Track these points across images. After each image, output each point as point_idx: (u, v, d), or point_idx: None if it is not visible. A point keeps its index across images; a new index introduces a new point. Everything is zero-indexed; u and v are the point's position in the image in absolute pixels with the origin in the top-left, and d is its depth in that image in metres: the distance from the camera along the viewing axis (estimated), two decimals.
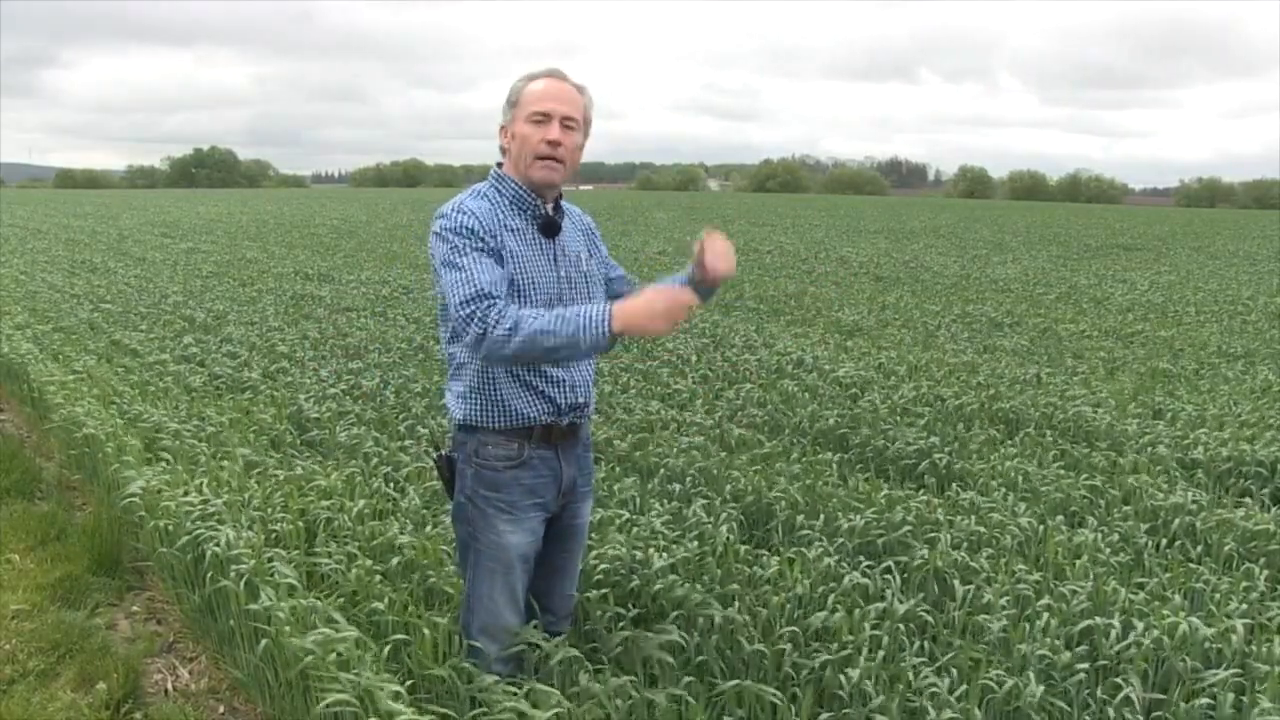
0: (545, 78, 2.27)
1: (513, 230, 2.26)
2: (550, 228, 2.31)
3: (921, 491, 4.15)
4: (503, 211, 2.27)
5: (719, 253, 2.25)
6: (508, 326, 2.06)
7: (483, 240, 2.18)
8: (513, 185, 2.29)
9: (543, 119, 2.22)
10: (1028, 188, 79.18)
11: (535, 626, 2.48)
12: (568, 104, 2.24)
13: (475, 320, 2.09)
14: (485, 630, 2.41)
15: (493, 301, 2.10)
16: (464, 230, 2.18)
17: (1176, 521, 3.76)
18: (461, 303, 2.11)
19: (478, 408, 2.30)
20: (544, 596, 2.55)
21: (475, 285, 2.11)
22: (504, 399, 2.29)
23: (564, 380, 2.34)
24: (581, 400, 2.38)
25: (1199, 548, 3.60)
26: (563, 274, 2.32)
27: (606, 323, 2.02)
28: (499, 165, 2.33)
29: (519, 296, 2.24)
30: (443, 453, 2.45)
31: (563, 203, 2.40)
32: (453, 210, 2.23)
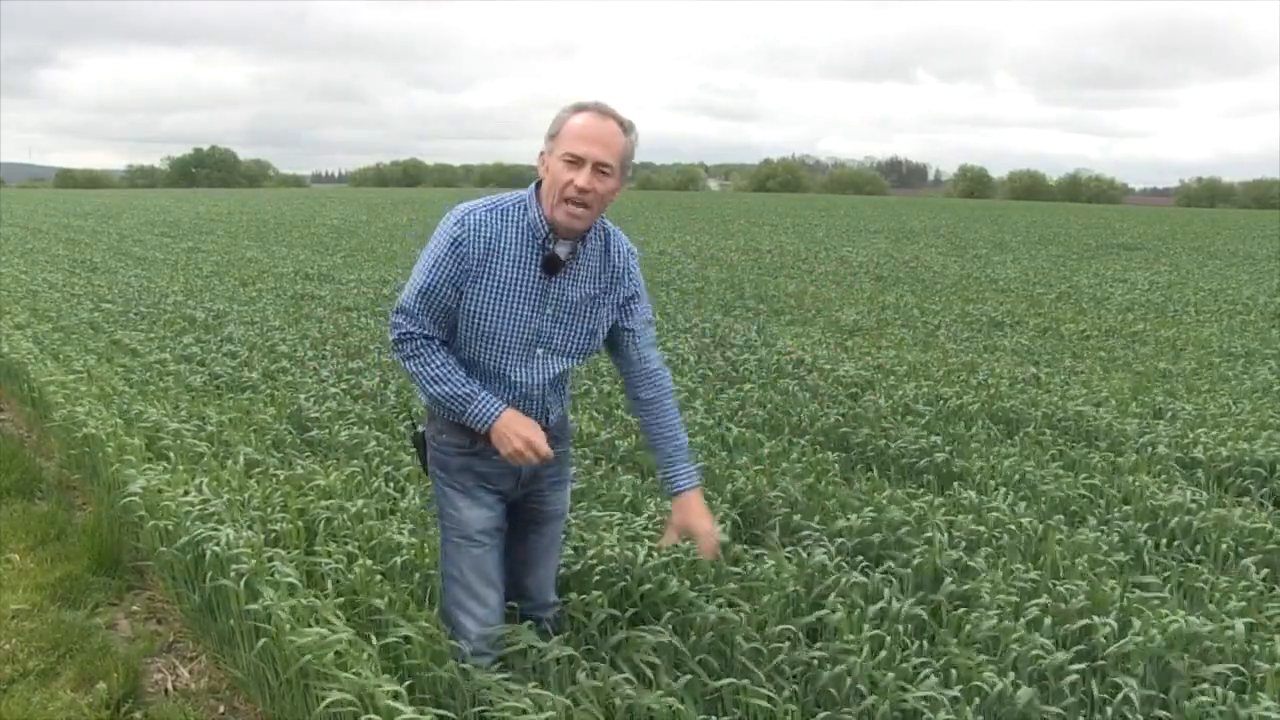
0: (589, 113, 2.18)
1: (513, 257, 2.24)
2: (550, 266, 2.26)
3: (922, 491, 4.15)
4: (512, 233, 2.24)
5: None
6: (413, 368, 2.29)
7: (460, 262, 2.22)
8: (536, 213, 2.25)
9: (576, 162, 2.16)
10: (1027, 187, 79.13)
11: (530, 627, 2.49)
12: (604, 147, 2.16)
13: (393, 328, 2.32)
14: (460, 604, 2.45)
15: (414, 329, 2.27)
16: (450, 243, 2.23)
17: (1175, 521, 3.76)
18: (399, 307, 2.31)
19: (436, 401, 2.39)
20: (520, 580, 2.60)
21: (414, 302, 2.27)
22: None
23: (514, 405, 2.33)
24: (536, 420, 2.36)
25: (1197, 547, 3.60)
26: (549, 312, 2.30)
27: (485, 426, 2.25)
28: (537, 185, 2.28)
29: (492, 326, 2.26)
30: (419, 430, 2.54)
31: (594, 234, 2.33)
32: (457, 218, 2.25)
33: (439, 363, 2.28)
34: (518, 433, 2.22)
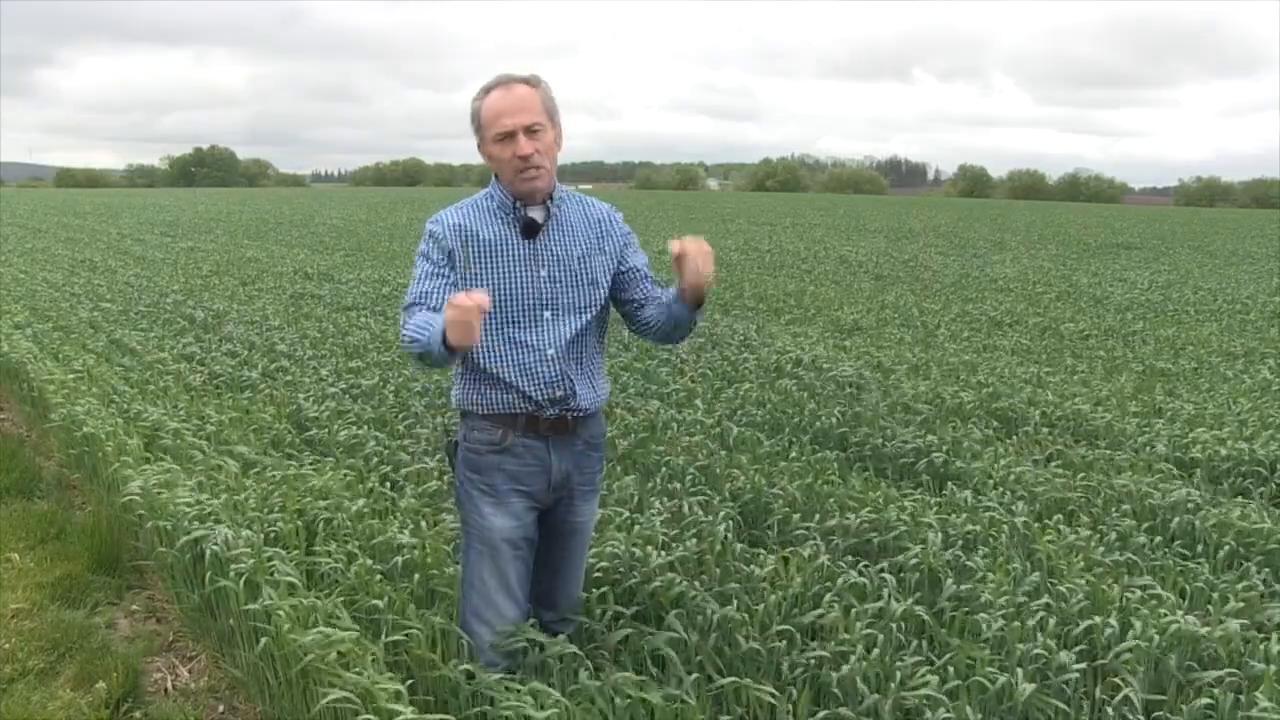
0: (494, 91, 2.29)
1: (491, 237, 2.34)
2: (529, 229, 2.35)
3: (919, 490, 4.15)
4: (485, 218, 2.36)
5: (696, 256, 2.16)
6: (403, 332, 2.25)
7: (438, 252, 2.33)
8: (499, 193, 2.38)
9: (507, 137, 2.27)
10: (1027, 187, 79.16)
11: (533, 624, 2.49)
12: (524, 112, 2.27)
13: (402, 325, 2.30)
14: (478, 614, 2.44)
15: (414, 308, 2.29)
16: (429, 240, 2.35)
17: (1175, 520, 3.76)
18: (403, 307, 2.36)
19: (465, 393, 2.41)
20: (545, 594, 2.58)
21: (412, 298, 2.32)
22: (484, 386, 2.37)
23: (532, 371, 2.34)
24: (559, 394, 2.37)
25: (1197, 546, 3.60)
26: (544, 273, 2.36)
27: (440, 339, 2.09)
28: (496, 176, 2.41)
29: (498, 300, 2.30)
30: (452, 438, 2.53)
31: (566, 198, 2.42)
32: (432, 218, 2.39)
33: (410, 326, 2.23)
34: (452, 316, 2.03)
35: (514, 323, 2.34)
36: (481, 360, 2.35)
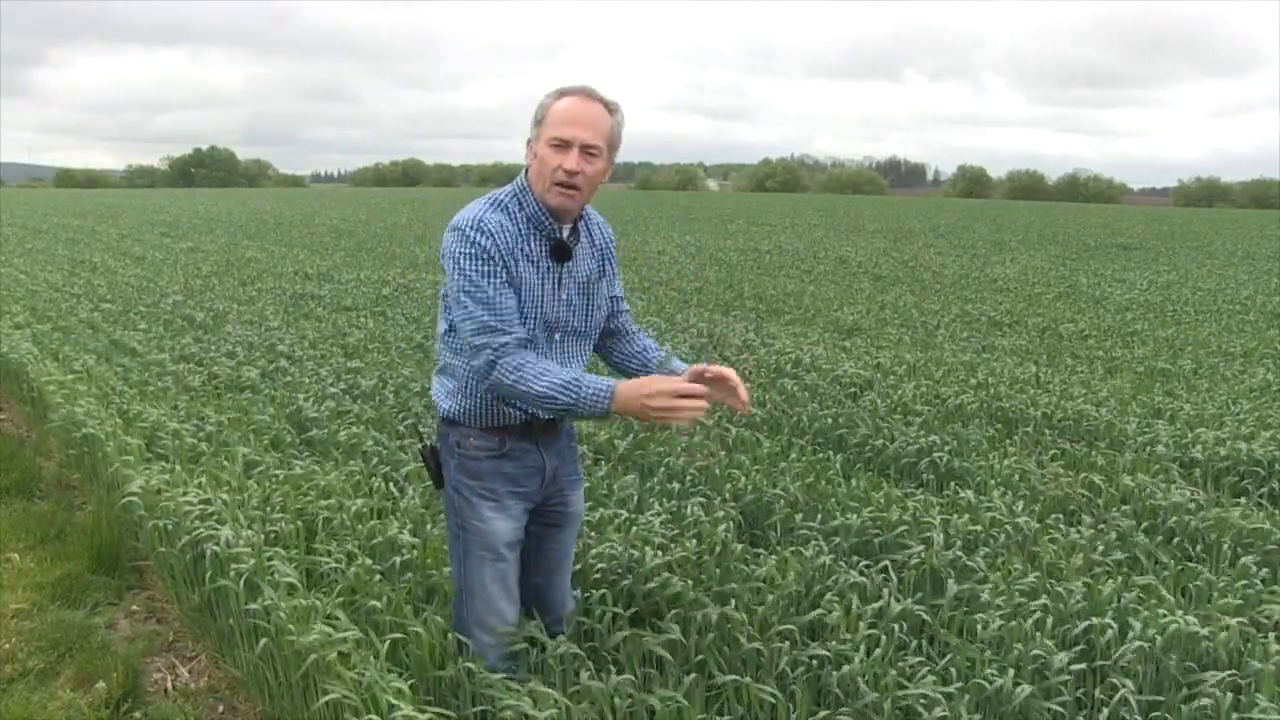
0: (573, 96, 2.18)
1: (526, 250, 2.23)
2: (561, 253, 2.27)
3: (920, 490, 4.15)
4: (520, 227, 2.23)
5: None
6: (513, 377, 2.13)
7: (498, 262, 2.17)
8: (533, 203, 2.25)
9: (562, 145, 2.16)
10: (1026, 187, 79.10)
11: (536, 626, 2.49)
12: (591, 129, 2.17)
13: (486, 353, 2.15)
14: (480, 622, 2.42)
15: (505, 339, 2.15)
16: (481, 254, 2.16)
17: (1174, 520, 3.76)
18: (475, 331, 2.16)
19: (463, 406, 2.33)
20: (544, 593, 2.57)
21: (488, 318, 2.15)
22: (486, 404, 2.32)
23: None
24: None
25: (1196, 546, 3.60)
26: (564, 297, 2.31)
27: (605, 403, 2.07)
28: (526, 173, 2.28)
29: (520, 317, 2.24)
30: (427, 444, 2.49)
31: (584, 216, 2.37)
32: (471, 227, 2.18)
33: (532, 359, 2.16)
34: (658, 390, 2.04)
35: (535, 344, 2.27)
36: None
